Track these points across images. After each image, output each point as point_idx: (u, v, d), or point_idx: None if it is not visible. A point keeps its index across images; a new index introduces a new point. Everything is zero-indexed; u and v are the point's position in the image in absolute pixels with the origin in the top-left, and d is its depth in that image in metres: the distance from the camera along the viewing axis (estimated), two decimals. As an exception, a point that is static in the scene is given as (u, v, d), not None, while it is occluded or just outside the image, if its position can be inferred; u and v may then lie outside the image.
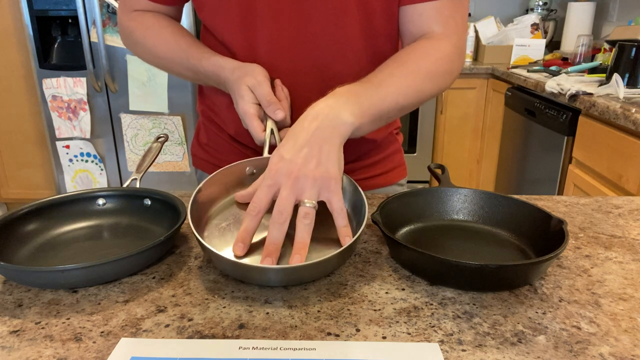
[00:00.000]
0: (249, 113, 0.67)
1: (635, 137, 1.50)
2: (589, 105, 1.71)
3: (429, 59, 0.69)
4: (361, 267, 0.57)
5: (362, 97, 0.60)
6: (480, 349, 0.43)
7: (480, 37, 2.92)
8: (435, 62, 0.70)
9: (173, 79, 2.44)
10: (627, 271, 0.57)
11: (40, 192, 2.90)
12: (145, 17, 0.80)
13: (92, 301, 0.50)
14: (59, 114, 2.58)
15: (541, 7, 3.04)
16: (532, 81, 2.17)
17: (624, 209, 0.75)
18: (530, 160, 2.25)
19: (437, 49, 0.70)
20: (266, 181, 0.54)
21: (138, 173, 0.70)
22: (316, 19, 0.70)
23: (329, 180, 0.54)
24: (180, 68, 0.78)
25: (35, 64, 2.50)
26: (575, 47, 2.44)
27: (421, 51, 0.70)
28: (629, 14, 2.65)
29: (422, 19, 0.72)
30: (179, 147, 2.60)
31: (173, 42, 0.77)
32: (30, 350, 0.43)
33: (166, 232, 0.58)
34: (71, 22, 2.53)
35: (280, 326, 0.46)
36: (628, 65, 1.77)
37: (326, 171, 0.54)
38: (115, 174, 2.71)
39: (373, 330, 0.46)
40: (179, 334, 0.45)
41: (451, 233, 0.65)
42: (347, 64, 0.74)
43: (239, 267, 0.52)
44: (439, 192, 0.68)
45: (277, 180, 0.54)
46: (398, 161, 0.92)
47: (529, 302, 0.50)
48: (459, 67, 0.74)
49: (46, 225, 0.63)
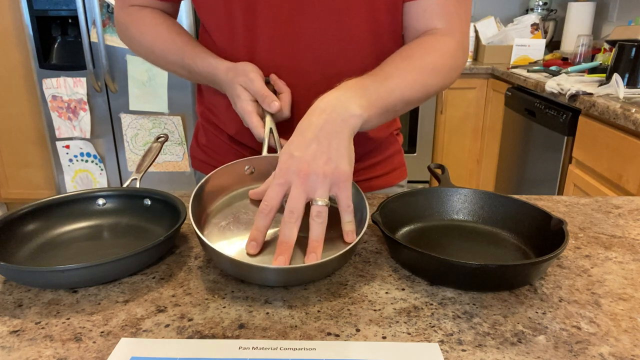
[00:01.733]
0: (248, 110, 0.67)
1: (635, 137, 1.50)
2: (589, 105, 1.71)
3: (434, 54, 0.69)
4: (361, 267, 0.57)
5: (369, 89, 0.60)
6: (480, 349, 0.43)
7: (480, 37, 2.92)
8: (441, 57, 0.70)
9: (173, 79, 2.44)
10: (627, 271, 0.57)
11: (40, 192, 2.90)
12: (142, 13, 0.80)
13: (92, 301, 0.50)
14: (59, 114, 2.58)
15: (541, 7, 3.04)
16: (532, 81, 2.17)
17: (624, 209, 0.75)
18: (530, 160, 2.25)
19: (442, 45, 0.70)
20: (277, 179, 0.54)
21: (138, 173, 0.70)
22: (318, 15, 0.70)
23: (339, 177, 0.53)
24: (175, 66, 0.78)
25: (35, 64, 2.50)
26: (575, 47, 2.44)
27: (426, 46, 0.70)
28: (629, 14, 2.65)
29: (427, 15, 0.72)
30: (179, 147, 2.60)
31: (169, 39, 0.77)
32: (30, 350, 0.43)
33: (166, 232, 0.58)
34: (71, 22, 2.53)
35: (280, 326, 0.46)
36: (628, 65, 1.77)
37: (337, 167, 0.53)
38: (115, 174, 2.71)
39: (373, 330, 0.46)
40: (179, 334, 0.45)
41: (451, 233, 0.65)
42: (350, 61, 0.74)
43: (239, 266, 0.52)
44: (439, 192, 0.68)
45: (288, 178, 0.53)
46: (398, 162, 0.92)
47: (529, 302, 0.50)
48: (462, 63, 0.74)
49: (46, 225, 0.63)
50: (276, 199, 0.53)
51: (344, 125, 0.55)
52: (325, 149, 0.54)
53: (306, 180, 0.52)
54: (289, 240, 0.52)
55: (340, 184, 0.54)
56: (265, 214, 0.54)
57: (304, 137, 0.55)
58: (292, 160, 0.54)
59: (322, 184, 0.53)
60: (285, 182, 0.53)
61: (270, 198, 0.53)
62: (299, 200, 0.52)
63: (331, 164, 0.53)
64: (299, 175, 0.53)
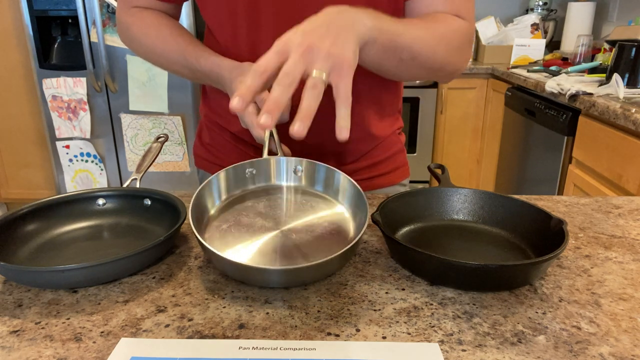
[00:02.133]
0: (248, 111, 0.67)
1: (635, 137, 1.50)
2: (589, 105, 1.71)
3: (444, 25, 0.68)
4: (361, 267, 0.57)
5: (382, 18, 0.58)
6: (480, 349, 0.43)
7: (480, 37, 2.92)
8: (451, 30, 0.69)
9: (173, 79, 2.44)
10: (627, 271, 0.57)
11: (40, 192, 2.90)
12: (145, 14, 0.80)
13: (92, 301, 0.50)
14: (59, 114, 2.58)
15: (541, 7, 3.04)
16: (532, 81, 2.17)
17: (624, 209, 0.75)
18: (530, 160, 2.25)
19: (453, 20, 0.70)
20: (275, 47, 0.50)
21: (138, 173, 0.70)
22: None
23: (342, 61, 0.49)
24: (177, 66, 0.78)
25: (35, 64, 2.50)
26: (575, 47, 2.44)
27: (437, 17, 0.69)
28: (629, 14, 2.65)
29: (432, 9, 0.71)
30: (179, 147, 2.60)
31: (171, 40, 0.77)
32: (30, 350, 0.43)
33: (166, 232, 0.58)
34: (71, 22, 2.53)
35: (280, 326, 0.46)
36: (628, 65, 1.77)
37: (342, 52, 0.49)
38: (115, 174, 2.71)
39: (373, 330, 0.46)
40: (179, 334, 0.45)
41: (451, 233, 0.65)
42: None
43: (240, 268, 0.52)
44: (439, 192, 0.68)
45: (287, 47, 0.49)
46: (400, 161, 0.92)
47: (529, 302, 0.50)
48: (468, 50, 0.73)
49: (46, 225, 0.63)
50: (272, 61, 0.49)
51: (354, 27, 0.53)
52: (333, 34, 0.50)
53: (308, 52, 0.48)
54: (277, 100, 0.47)
55: (343, 70, 0.49)
56: (259, 73, 0.49)
57: (314, 22, 0.51)
58: (296, 35, 0.50)
59: (324, 60, 0.48)
60: (283, 51, 0.49)
61: (265, 60, 0.49)
62: (296, 66, 0.48)
63: (337, 47, 0.49)
64: (300, 45, 0.49)
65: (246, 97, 0.49)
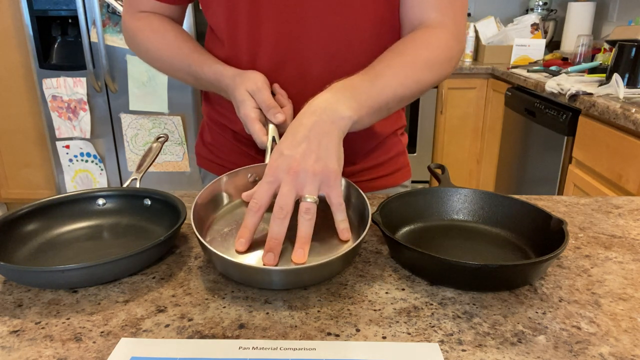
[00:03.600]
0: (251, 117, 0.67)
1: (635, 137, 1.50)
2: (589, 105, 1.71)
3: (427, 48, 0.69)
4: (361, 267, 0.57)
5: (359, 90, 0.61)
6: (480, 349, 0.43)
7: (480, 37, 2.92)
8: (434, 50, 0.69)
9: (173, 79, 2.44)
10: (627, 271, 0.57)
11: (40, 192, 2.90)
12: (151, 19, 0.81)
13: (92, 301, 0.50)
14: (59, 114, 2.58)
15: (541, 7, 3.04)
16: (532, 81, 2.17)
17: (624, 209, 0.75)
18: (530, 160, 2.25)
19: (436, 38, 0.70)
20: (266, 178, 0.54)
21: (138, 173, 0.70)
22: (323, 8, 0.71)
23: (329, 175, 0.54)
24: (181, 73, 0.79)
25: (35, 64, 2.50)
26: (575, 47, 2.44)
27: (419, 41, 0.70)
28: (629, 14, 2.65)
29: (421, 6, 0.72)
30: (179, 147, 2.60)
31: (176, 47, 0.78)
32: (30, 350, 0.43)
33: (166, 232, 0.58)
34: (71, 22, 2.53)
35: (280, 326, 0.46)
36: (628, 65, 1.77)
37: (325, 166, 0.54)
38: (115, 174, 2.71)
39: (373, 330, 0.46)
40: (179, 334, 0.45)
41: (451, 233, 0.65)
42: (355, 53, 0.74)
43: (241, 269, 0.52)
44: (439, 192, 0.68)
45: (277, 176, 0.53)
46: (402, 162, 0.92)
47: (529, 302, 0.50)
48: (457, 53, 0.74)
49: (46, 225, 0.63)
50: (265, 196, 0.54)
51: (334, 127, 0.56)
52: (314, 148, 0.54)
53: (296, 178, 0.53)
54: (277, 236, 0.52)
55: (330, 182, 0.54)
56: (255, 211, 0.54)
57: (295, 137, 0.55)
58: (282, 159, 0.54)
59: (312, 182, 0.53)
60: (274, 180, 0.54)
61: (259, 196, 0.54)
62: (289, 196, 0.52)
63: (320, 162, 0.54)
64: (288, 173, 0.53)
65: (247, 237, 0.54)
